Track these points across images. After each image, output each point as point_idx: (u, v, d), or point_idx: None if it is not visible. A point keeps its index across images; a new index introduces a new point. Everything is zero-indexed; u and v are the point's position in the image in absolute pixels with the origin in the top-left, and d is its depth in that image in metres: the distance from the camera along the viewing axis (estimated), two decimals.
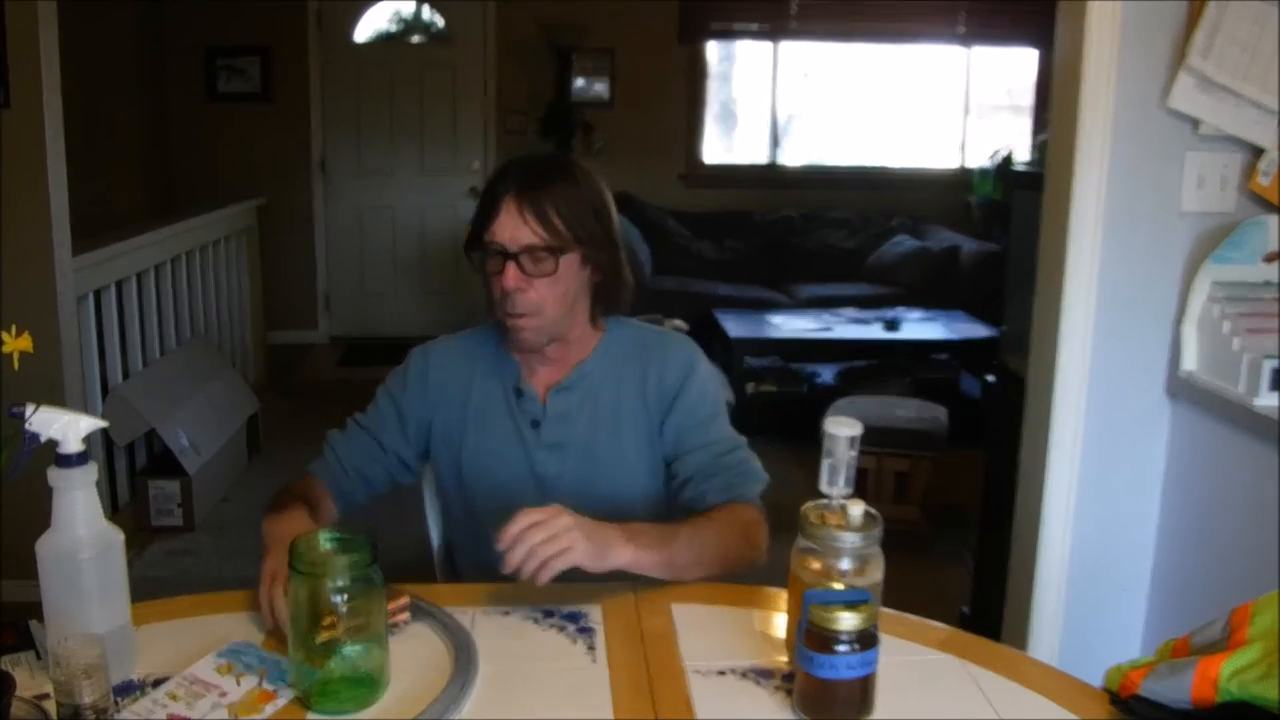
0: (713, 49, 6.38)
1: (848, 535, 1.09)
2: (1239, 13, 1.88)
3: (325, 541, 1.09)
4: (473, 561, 1.58)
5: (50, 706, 0.98)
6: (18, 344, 1.04)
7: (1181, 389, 2.01)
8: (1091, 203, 2.00)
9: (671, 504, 1.51)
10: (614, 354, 1.52)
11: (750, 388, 4.54)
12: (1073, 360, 2.06)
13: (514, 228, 1.39)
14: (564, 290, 1.43)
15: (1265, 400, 1.80)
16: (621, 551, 1.22)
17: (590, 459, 1.50)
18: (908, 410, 3.74)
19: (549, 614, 1.25)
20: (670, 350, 1.52)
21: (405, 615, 1.20)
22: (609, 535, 1.22)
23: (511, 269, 1.39)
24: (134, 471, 3.54)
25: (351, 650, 1.05)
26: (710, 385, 1.52)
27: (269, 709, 1.04)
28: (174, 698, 1.05)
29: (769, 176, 6.50)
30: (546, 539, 1.16)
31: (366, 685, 1.06)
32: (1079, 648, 2.13)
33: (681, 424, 1.49)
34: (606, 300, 1.51)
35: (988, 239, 5.58)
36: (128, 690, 1.06)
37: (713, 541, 1.33)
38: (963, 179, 6.17)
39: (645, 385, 1.50)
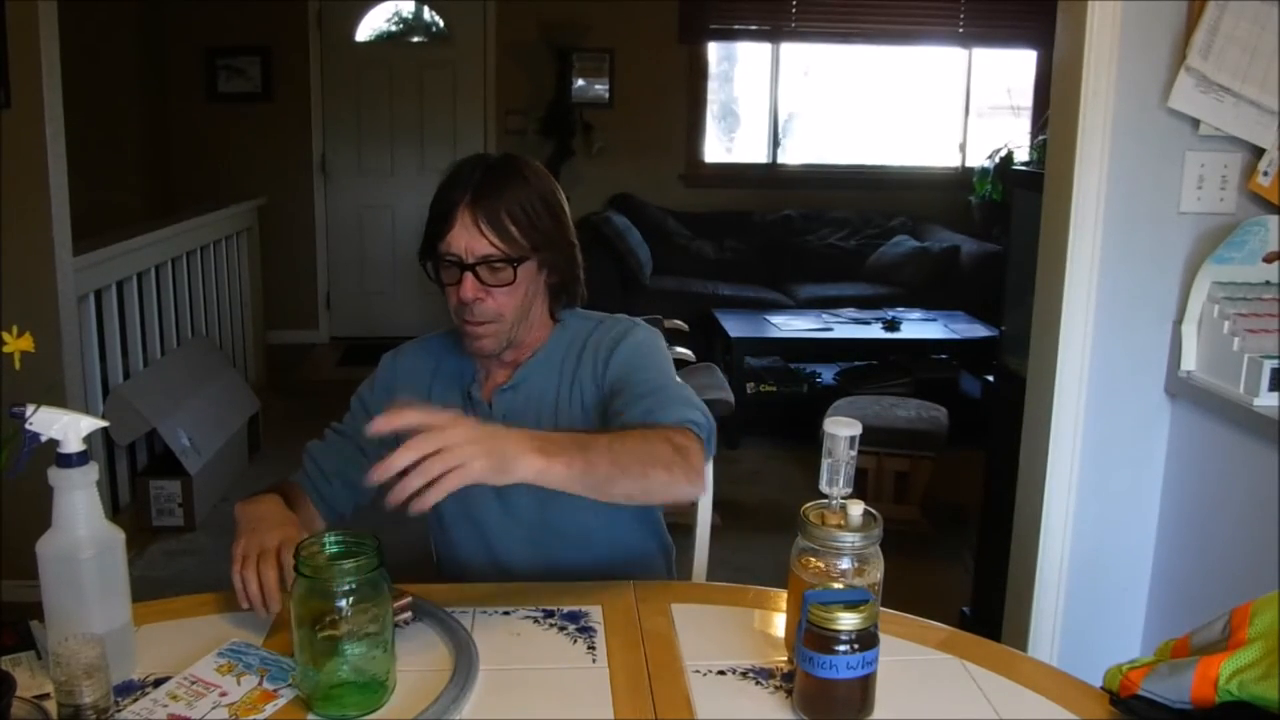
0: (713, 49, 6.37)
1: (848, 535, 1.09)
2: (1239, 13, 1.89)
3: (331, 544, 1.08)
4: (448, 564, 1.56)
5: (51, 706, 0.98)
6: (18, 344, 1.04)
7: (1181, 389, 2.01)
8: (1091, 203, 2.00)
9: None
10: (557, 348, 1.49)
11: (750, 388, 4.53)
12: (1073, 360, 2.06)
13: (469, 239, 1.36)
14: (522, 297, 1.41)
15: (1265, 400, 1.80)
16: (529, 462, 1.07)
17: None
18: (908, 410, 3.74)
19: (549, 614, 1.25)
20: (607, 327, 1.48)
21: (407, 615, 1.20)
22: (512, 445, 1.07)
23: (469, 280, 1.37)
24: (135, 471, 3.55)
25: (356, 654, 1.04)
26: (650, 346, 1.45)
27: (269, 709, 1.04)
28: (174, 698, 1.05)
29: (769, 176, 6.50)
30: (436, 455, 1.02)
31: (372, 690, 1.05)
32: (1079, 648, 2.13)
33: (618, 374, 1.41)
34: (564, 297, 1.50)
35: (988, 239, 5.58)
36: (128, 690, 1.06)
37: (637, 448, 1.18)
38: (963, 179, 6.17)
39: (583, 368, 1.45)
